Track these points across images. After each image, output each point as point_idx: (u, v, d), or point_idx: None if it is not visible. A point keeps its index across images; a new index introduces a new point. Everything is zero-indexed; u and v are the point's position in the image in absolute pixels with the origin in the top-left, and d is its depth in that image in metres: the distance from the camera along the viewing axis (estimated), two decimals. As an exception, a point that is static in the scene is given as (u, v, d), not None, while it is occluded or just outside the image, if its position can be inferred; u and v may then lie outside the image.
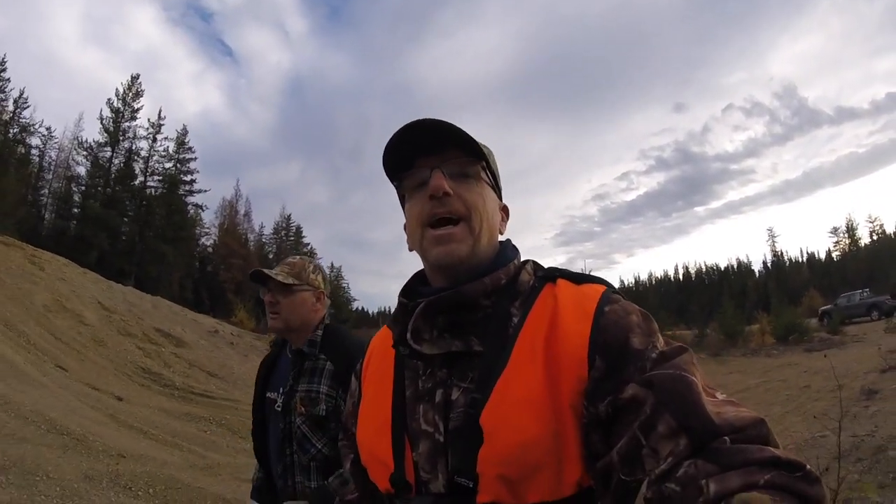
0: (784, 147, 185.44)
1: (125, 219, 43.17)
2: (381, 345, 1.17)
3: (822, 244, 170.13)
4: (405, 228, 1.10)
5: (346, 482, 1.21)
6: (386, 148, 1.00)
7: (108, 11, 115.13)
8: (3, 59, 40.61)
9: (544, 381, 0.86)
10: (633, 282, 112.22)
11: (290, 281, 2.25)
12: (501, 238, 1.12)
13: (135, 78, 46.17)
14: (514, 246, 1.11)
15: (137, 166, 45.92)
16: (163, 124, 47.21)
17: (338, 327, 2.40)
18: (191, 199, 48.52)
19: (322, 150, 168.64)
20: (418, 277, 1.12)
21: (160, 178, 46.62)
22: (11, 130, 40.87)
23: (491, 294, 0.98)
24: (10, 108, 41.00)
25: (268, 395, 2.34)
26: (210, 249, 52.00)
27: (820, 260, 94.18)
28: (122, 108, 44.97)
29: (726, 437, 0.70)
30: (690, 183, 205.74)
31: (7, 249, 17.84)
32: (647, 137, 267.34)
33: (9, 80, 40.83)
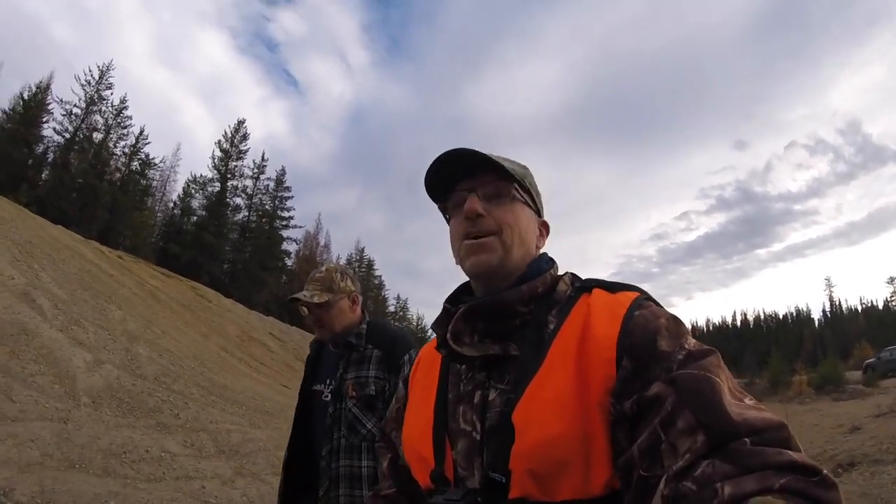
0: (848, 186, 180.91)
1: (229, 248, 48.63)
2: (429, 353, 1.22)
3: (881, 293, 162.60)
4: (451, 241, 1.15)
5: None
6: (426, 175, 1.08)
7: (178, 34, 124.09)
8: (124, 98, 45.78)
9: (574, 382, 0.88)
10: (690, 327, 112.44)
11: (324, 299, 2.36)
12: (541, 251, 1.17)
13: (241, 122, 52.76)
14: (550, 258, 1.14)
15: (242, 201, 51.80)
16: (266, 165, 53.25)
17: (380, 319, 2.53)
18: (285, 231, 53.89)
19: (380, 178, 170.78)
20: (464, 288, 1.17)
21: (260, 212, 52.23)
22: (134, 164, 45.88)
23: (528, 302, 1.01)
24: (132, 142, 45.96)
25: (314, 387, 2.49)
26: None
27: (877, 309, 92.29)
28: (230, 149, 51.26)
29: (746, 439, 0.69)
30: (752, 224, 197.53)
31: (177, 283, 22.33)
32: (707, 175, 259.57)
33: (130, 117, 45.68)
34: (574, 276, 1.11)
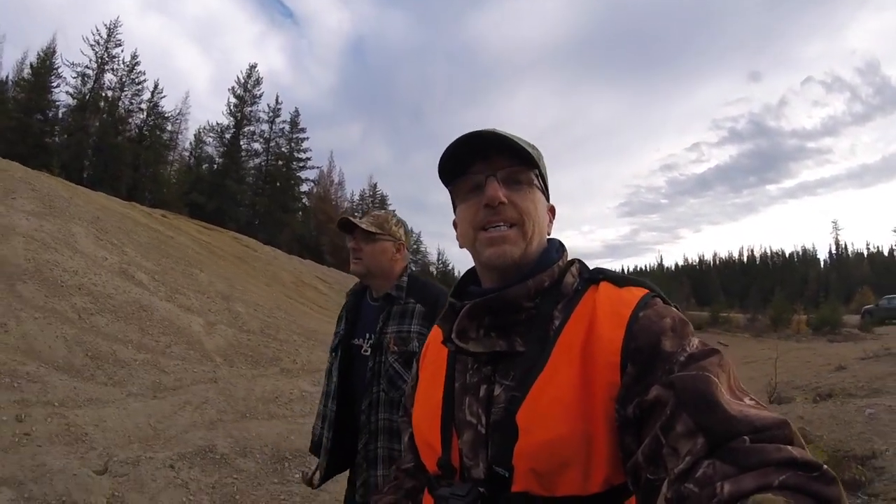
0: (864, 127, 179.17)
1: (252, 193, 50.05)
2: (438, 335, 1.17)
3: (888, 239, 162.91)
4: (454, 226, 1.14)
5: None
6: (443, 155, 1.04)
7: None
8: (135, 53, 46.30)
9: (579, 384, 0.89)
10: (697, 260, 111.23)
11: (372, 229, 2.40)
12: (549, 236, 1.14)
13: (252, 66, 53.29)
14: (560, 245, 1.13)
15: (259, 145, 53.02)
16: (280, 108, 54.04)
17: (421, 276, 2.58)
18: (302, 172, 55.30)
19: (383, 111, 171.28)
20: (469, 276, 1.15)
21: (277, 155, 53.44)
22: (151, 119, 46.63)
23: (534, 296, 1.00)
24: (148, 97, 46.65)
25: (354, 341, 2.47)
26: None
27: (882, 255, 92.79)
28: (244, 95, 51.98)
29: (745, 437, 0.69)
30: (764, 158, 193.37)
31: (220, 235, 23.72)
32: (720, 107, 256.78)
33: (143, 73, 46.67)
34: (582, 266, 1.09)
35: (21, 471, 4.40)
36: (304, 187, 56.02)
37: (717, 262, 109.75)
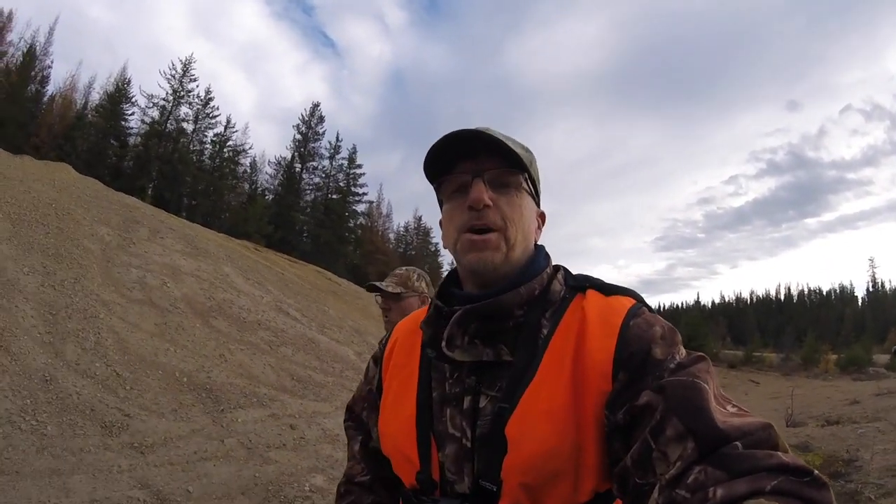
0: None
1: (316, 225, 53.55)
2: (406, 337, 1.18)
3: None
4: (441, 225, 1.10)
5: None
6: (429, 151, 1.00)
7: (212, 5, 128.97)
8: (209, 89, 49.86)
9: (570, 394, 0.88)
10: (734, 298, 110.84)
11: (398, 290, 2.59)
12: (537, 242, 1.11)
13: (315, 105, 57.65)
14: (546, 253, 1.10)
15: (319, 179, 57.18)
16: (340, 145, 58.06)
17: None
18: (359, 206, 59.11)
19: (422, 139, 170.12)
20: (451, 278, 1.13)
21: (334, 189, 57.28)
22: (225, 152, 50.34)
23: (524, 304, 0.98)
24: (221, 130, 50.42)
25: None
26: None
27: None
28: (307, 132, 56.32)
29: (737, 443, 0.70)
30: (804, 191, 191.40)
31: (304, 268, 26.46)
32: (757, 138, 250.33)
33: (217, 107, 49.84)
34: (567, 273, 1.08)
35: (318, 462, 6.57)
36: (359, 219, 59.45)
37: (754, 299, 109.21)
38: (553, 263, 1.10)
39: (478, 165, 1.00)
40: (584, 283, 1.03)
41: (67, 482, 4.78)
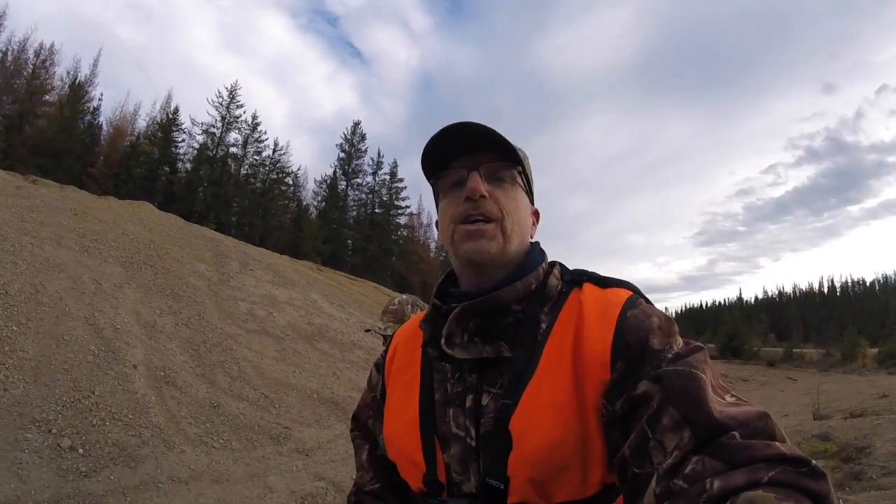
0: None
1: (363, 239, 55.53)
2: (407, 341, 1.19)
3: None
4: (437, 225, 1.13)
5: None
6: (425, 148, 1.02)
7: (239, 19, 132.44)
8: (255, 114, 52.39)
9: (571, 386, 0.89)
10: (777, 293, 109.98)
11: (396, 330, 2.76)
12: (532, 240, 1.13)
13: (356, 124, 59.98)
14: (542, 249, 1.12)
15: (364, 194, 59.64)
16: (382, 161, 60.36)
17: None
18: (401, 219, 61.47)
19: None
20: (449, 278, 1.14)
21: (378, 203, 59.56)
22: (273, 174, 52.85)
23: (522, 299, 1.00)
24: (270, 153, 52.97)
25: None
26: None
27: None
28: (350, 150, 58.65)
29: (734, 433, 0.70)
30: (844, 177, 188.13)
31: (363, 285, 28.14)
32: (794, 124, 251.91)
33: (265, 131, 53.03)
34: (563, 268, 1.09)
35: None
36: (402, 231, 61.54)
37: (797, 293, 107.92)
38: (549, 259, 1.10)
39: (474, 159, 1.01)
40: (581, 277, 1.04)
41: (266, 482, 6.22)
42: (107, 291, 9.60)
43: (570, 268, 1.11)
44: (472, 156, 1.02)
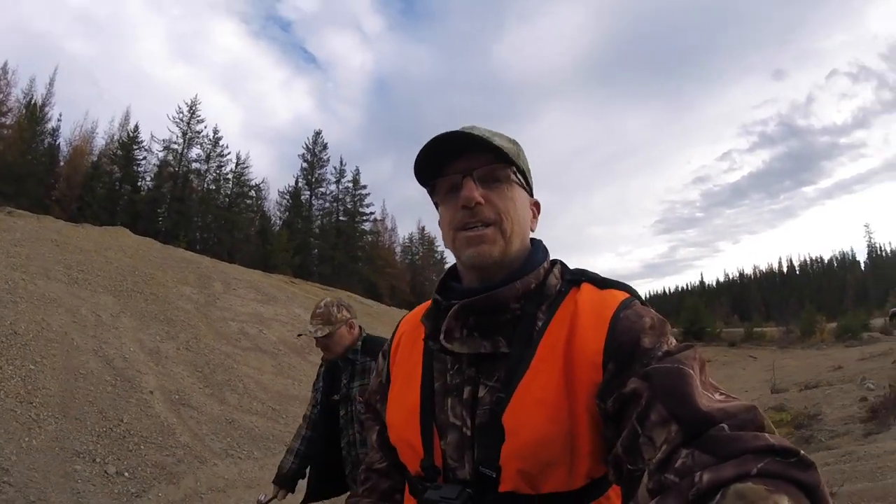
0: (895, 115, 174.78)
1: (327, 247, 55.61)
2: (411, 331, 1.21)
3: None
4: (440, 225, 1.12)
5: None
6: (418, 157, 1.02)
7: (190, 28, 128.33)
8: (216, 128, 51.92)
9: (562, 384, 0.91)
10: (738, 275, 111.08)
11: (325, 332, 2.85)
12: (533, 235, 1.14)
13: (318, 133, 60.18)
14: (544, 247, 1.12)
15: (328, 203, 59.69)
16: (344, 169, 60.58)
17: (374, 336, 3.07)
18: (365, 225, 61.43)
19: (412, 143, 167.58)
20: (451, 273, 1.15)
21: (342, 211, 59.81)
22: (237, 188, 52.38)
23: (521, 297, 1.01)
24: (233, 167, 52.41)
25: (333, 397, 3.02)
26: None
27: None
28: (313, 160, 58.87)
29: (723, 425, 0.70)
30: (798, 160, 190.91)
31: (339, 295, 28.61)
32: (747, 111, 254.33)
33: (227, 146, 52.17)
34: (564, 267, 1.10)
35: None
36: (367, 237, 61.50)
37: (758, 274, 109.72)
38: (551, 258, 1.12)
39: (467, 164, 1.02)
40: (580, 277, 1.05)
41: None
42: (106, 323, 10.07)
43: (571, 267, 1.13)
44: (464, 159, 1.03)
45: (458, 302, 1.01)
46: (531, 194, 1.14)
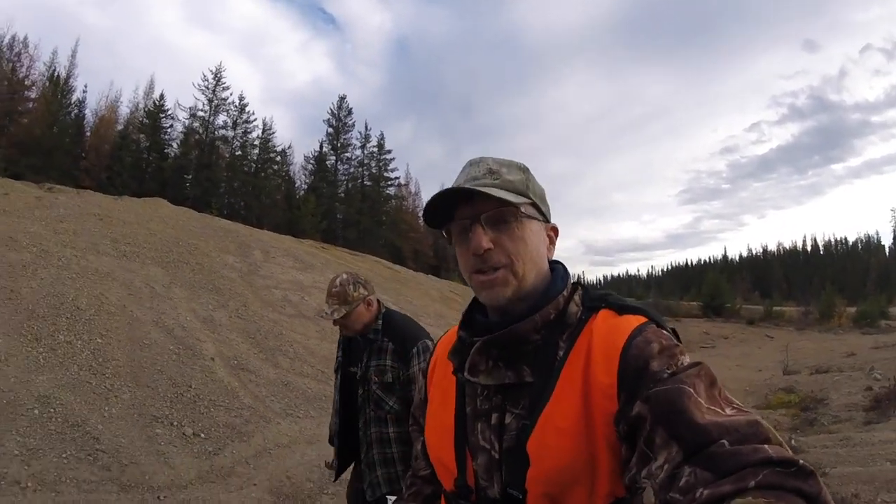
0: None
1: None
2: (445, 352, 1.23)
3: None
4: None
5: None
6: (427, 206, 1.05)
7: None
8: (241, 95, 52.24)
9: (581, 413, 0.94)
10: (761, 251, 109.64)
11: (342, 312, 2.80)
12: (552, 257, 1.15)
13: (342, 98, 60.47)
14: (564, 271, 1.14)
15: (353, 168, 60.13)
16: (370, 133, 60.87)
17: (393, 314, 3.03)
18: (390, 190, 61.76)
19: (432, 106, 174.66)
20: (474, 306, 1.18)
21: (368, 175, 60.14)
22: (264, 154, 52.70)
23: (541, 328, 1.03)
24: (259, 133, 52.62)
25: (351, 369, 3.03)
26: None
27: None
28: (338, 125, 59.23)
29: (723, 441, 0.72)
30: (828, 135, 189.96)
31: (365, 261, 29.14)
32: (777, 81, 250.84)
33: (253, 112, 52.31)
34: (585, 293, 1.10)
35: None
36: (391, 202, 61.85)
37: (781, 251, 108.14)
38: (571, 282, 1.12)
39: (474, 209, 1.03)
40: (600, 304, 1.06)
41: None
42: (161, 294, 10.64)
43: (592, 285, 1.17)
44: (471, 205, 1.04)
45: (480, 339, 1.06)
46: (548, 219, 1.15)
